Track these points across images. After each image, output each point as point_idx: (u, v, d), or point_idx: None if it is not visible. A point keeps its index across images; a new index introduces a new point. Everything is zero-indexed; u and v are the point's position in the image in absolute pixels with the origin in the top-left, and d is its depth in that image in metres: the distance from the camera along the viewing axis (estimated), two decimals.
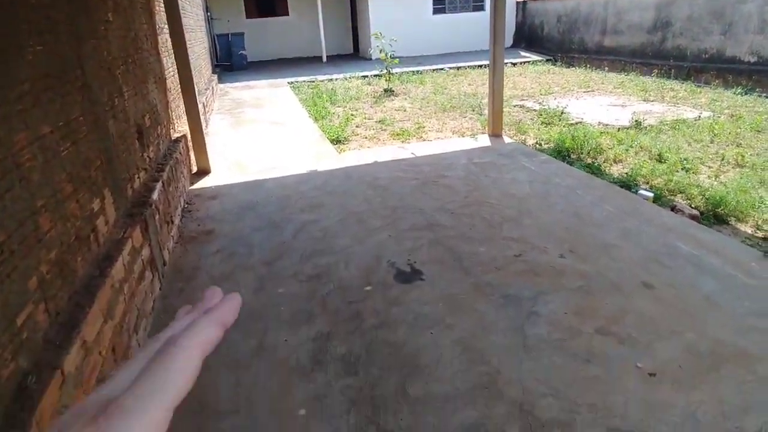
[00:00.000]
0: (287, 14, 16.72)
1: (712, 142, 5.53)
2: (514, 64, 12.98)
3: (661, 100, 7.86)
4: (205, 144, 5.13)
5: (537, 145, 5.84)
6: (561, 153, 5.43)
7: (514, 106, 8.14)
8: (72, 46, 2.14)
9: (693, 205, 3.88)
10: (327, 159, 5.51)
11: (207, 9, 13.48)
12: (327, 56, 15.30)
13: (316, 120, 7.69)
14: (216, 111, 8.87)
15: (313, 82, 11.71)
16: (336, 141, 6.40)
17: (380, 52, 10.22)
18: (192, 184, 4.79)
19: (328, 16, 15.85)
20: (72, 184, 1.94)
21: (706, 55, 8.96)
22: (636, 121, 6.31)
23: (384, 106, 8.72)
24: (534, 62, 13.21)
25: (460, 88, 10.11)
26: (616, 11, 11.21)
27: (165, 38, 4.77)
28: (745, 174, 4.50)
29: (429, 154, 5.46)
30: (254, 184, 4.74)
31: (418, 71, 12.46)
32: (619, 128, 6.30)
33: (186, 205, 4.17)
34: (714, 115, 6.66)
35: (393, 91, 10.08)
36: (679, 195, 4.14)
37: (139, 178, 3.02)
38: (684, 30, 9.41)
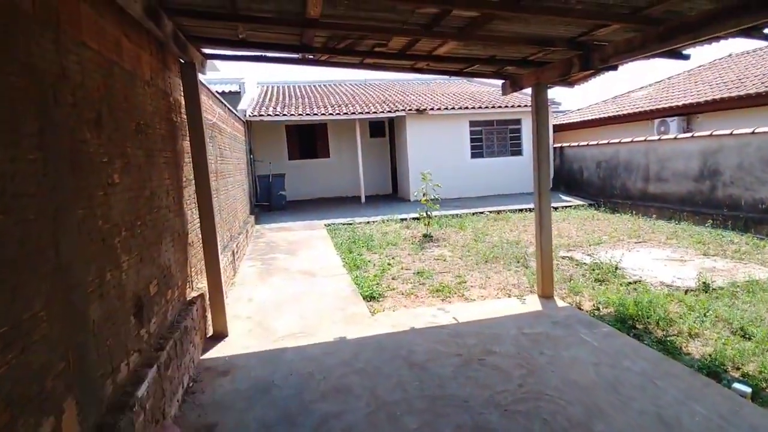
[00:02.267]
0: (328, 156, 17.64)
1: None
2: (555, 209, 12.77)
3: (723, 255, 7.21)
4: (224, 304, 4.79)
5: (594, 310, 5.20)
6: (624, 322, 4.76)
7: (562, 258, 7.65)
8: (44, 222, 1.85)
9: None
10: (358, 323, 5.03)
11: (251, 152, 14.31)
12: (366, 196, 15.66)
13: (350, 270, 7.38)
14: (248, 256, 8.78)
15: (351, 224, 11.74)
16: (370, 297, 5.98)
17: (423, 195, 10.24)
18: (204, 352, 4.35)
19: (367, 157, 16.59)
20: (9, 410, 1.50)
21: (764, 206, 8.44)
22: (704, 282, 5.64)
23: (423, 254, 8.41)
24: (576, 207, 12.98)
25: (502, 235, 9.79)
26: (658, 159, 11.09)
27: (191, 190, 4.71)
28: None
29: (472, 320, 4.90)
30: (274, 355, 4.25)
31: (457, 215, 12.39)
32: (685, 290, 5.63)
33: (191, 384, 3.68)
34: None
35: (432, 236, 9.86)
36: None
37: (128, 364, 2.59)
38: (735, 179, 9.04)
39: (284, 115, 14.44)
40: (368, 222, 12.00)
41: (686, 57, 4.57)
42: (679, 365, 3.69)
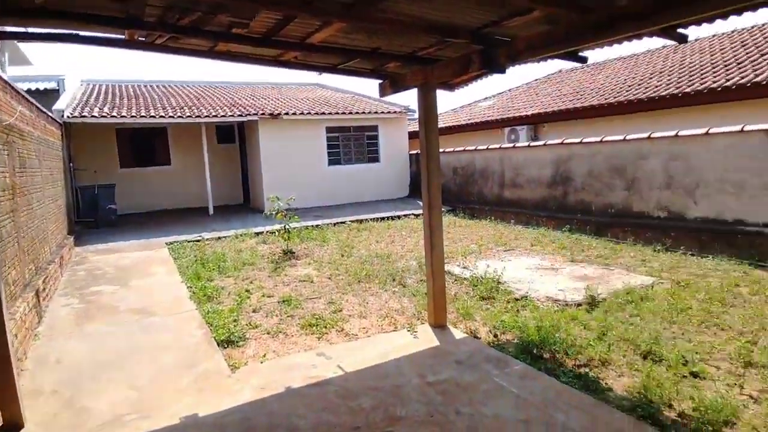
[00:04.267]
0: (169, 163, 15.32)
1: (690, 323, 4.68)
2: (416, 216, 12.48)
3: (589, 261, 7.30)
4: (14, 378, 3.10)
5: (494, 339, 4.55)
6: (529, 351, 4.16)
7: None
8: None
9: None
10: (215, 388, 3.67)
11: (70, 160, 11.56)
12: (214, 208, 13.78)
13: (199, 303, 5.86)
14: (61, 291, 6.64)
15: (198, 241, 9.93)
16: (227, 342, 4.62)
17: (276, 213, 8.95)
18: None
19: (215, 165, 14.74)
20: None
21: (612, 210, 8.94)
22: (590, 295, 5.41)
23: (286, 275, 7.19)
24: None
25: (369, 247, 8.99)
26: (513, 166, 11.38)
27: None
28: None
29: (363, 368, 3.87)
30: None
31: (318, 226, 11.32)
32: (574, 305, 5.34)
33: None
34: (657, 281, 6.06)
35: (294, 252, 8.66)
36: None
37: None
38: (586, 185, 9.50)
39: (113, 116, 11.95)
40: (219, 238, 10.31)
41: (583, 60, 4.14)
42: (617, 413, 3.10)
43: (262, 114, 13.39)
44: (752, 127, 6.91)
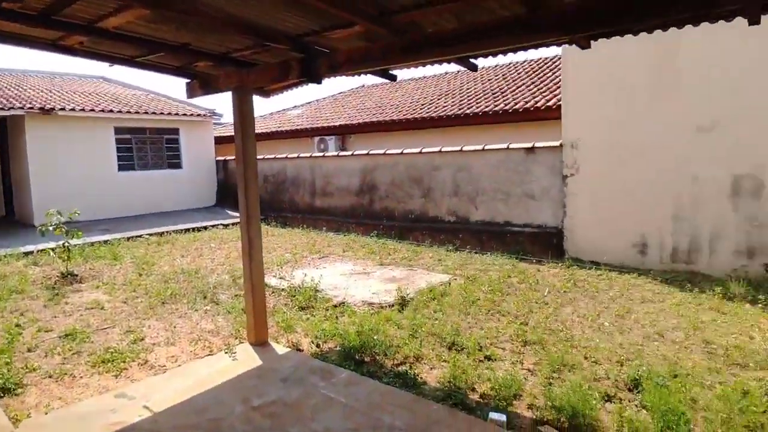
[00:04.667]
0: None
1: (480, 312, 5.40)
2: (225, 226, 11.87)
3: (396, 264, 7.89)
4: None
5: (317, 350, 4.56)
6: (351, 357, 4.30)
7: None
8: None
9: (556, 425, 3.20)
10: None
11: None
12: None
13: None
14: None
15: None
16: (2, 391, 3.70)
17: (54, 228, 7.48)
18: None
19: None
20: None
21: (412, 216, 9.84)
22: (401, 297, 5.84)
23: (68, 303, 6.09)
24: None
25: (174, 263, 8.20)
26: (323, 174, 11.66)
27: None
28: (540, 355, 4.27)
29: (176, 404, 3.47)
30: None
31: (107, 241, 9.88)
32: (388, 306, 5.70)
33: None
34: (452, 278, 6.86)
35: (76, 275, 7.39)
36: (521, 403, 3.47)
37: None
38: (389, 193, 10.25)
39: None
40: None
41: (393, 77, 4.47)
42: (434, 405, 3.38)
43: (30, 108, 11.09)
44: (515, 145, 8.35)
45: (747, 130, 6.07)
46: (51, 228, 7.44)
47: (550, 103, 9.37)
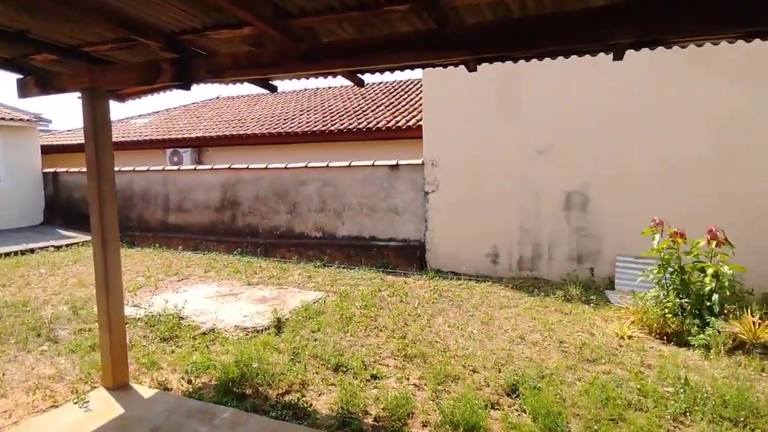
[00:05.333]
0: None
1: (358, 329, 5.45)
2: (57, 248, 10.26)
3: (264, 283, 7.60)
4: None
5: (189, 387, 4.15)
6: (230, 391, 4.00)
7: None
8: None
9: None
10: None
11: None
12: None
13: None
14: None
15: None
16: None
17: None
18: None
19: None
20: None
21: (278, 232, 9.58)
22: (276, 318, 5.62)
23: None
24: (84, 244, 10.85)
25: None
26: (178, 189, 10.76)
27: None
28: (423, 368, 4.45)
29: None
30: None
31: None
32: (263, 330, 5.44)
33: None
34: (325, 295, 6.82)
35: None
36: (416, 422, 3.57)
37: None
38: (253, 209, 9.84)
39: None
40: None
41: (274, 88, 4.32)
42: None
43: None
44: (380, 162, 8.67)
45: (576, 152, 7.13)
46: None
47: (410, 123, 9.94)
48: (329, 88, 15.78)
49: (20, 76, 4.04)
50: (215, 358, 4.63)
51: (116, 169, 11.61)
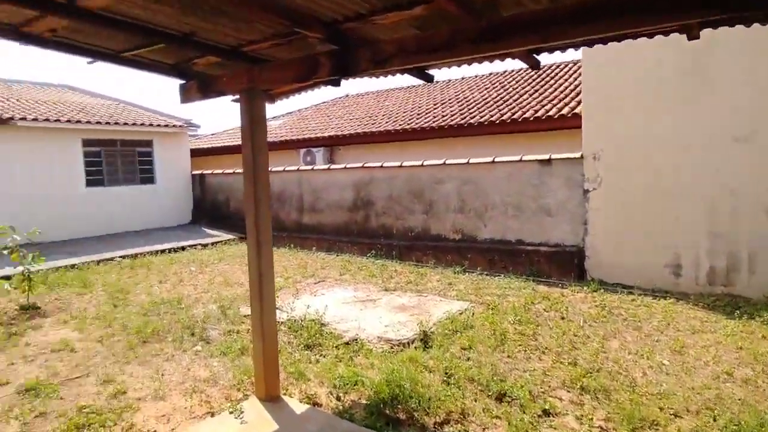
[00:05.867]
0: None
1: (515, 349, 4.74)
2: (204, 246, 10.94)
3: (402, 289, 7.18)
4: None
5: (338, 404, 3.81)
6: (383, 413, 3.57)
7: (248, 317, 5.96)
8: None
9: None
10: None
11: None
12: None
13: None
14: None
15: None
16: None
17: (10, 252, 6.49)
18: None
19: None
20: None
21: (413, 233, 9.15)
22: (423, 331, 5.13)
23: (28, 344, 5.18)
24: (227, 242, 11.49)
25: (151, 291, 7.30)
26: (312, 189, 10.89)
27: None
28: (607, 407, 3.63)
29: None
30: None
31: (74, 265, 8.87)
32: (409, 343, 4.98)
33: None
34: (470, 306, 6.19)
35: (38, 307, 6.43)
36: None
37: None
38: (386, 209, 9.55)
39: None
40: None
41: (431, 78, 3.81)
42: None
43: None
44: (529, 157, 7.80)
45: None
46: (5, 252, 6.45)
47: (563, 112, 8.86)
48: (462, 78, 15.07)
49: (182, 82, 4.03)
50: (362, 372, 4.26)
51: None
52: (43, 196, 10.91)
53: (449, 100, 12.53)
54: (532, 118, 9.18)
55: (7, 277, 7.49)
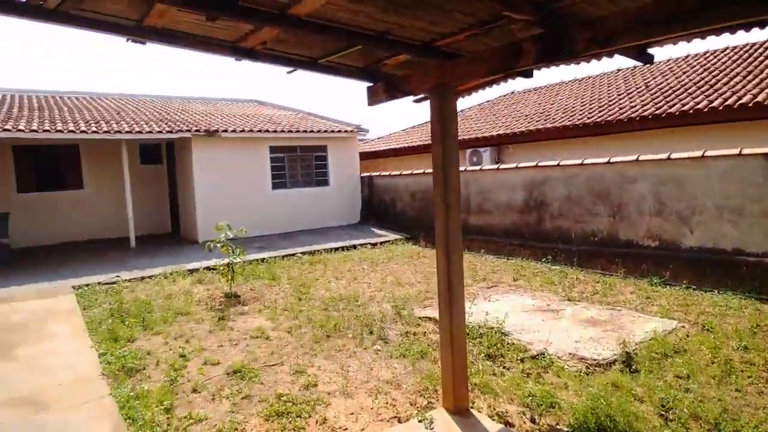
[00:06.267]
0: (81, 187, 13.01)
1: (745, 382, 3.81)
2: (373, 245, 11.30)
3: (588, 300, 6.44)
4: None
5: (534, 429, 3.42)
6: None
7: (422, 320, 5.87)
8: None
9: None
10: None
11: None
12: (137, 238, 11.69)
13: (117, 381, 4.32)
14: None
15: (115, 284, 8.09)
16: None
17: (221, 246, 7.37)
18: None
19: (138, 189, 12.71)
20: None
21: (596, 238, 8.23)
22: (626, 352, 4.44)
23: (233, 330, 5.75)
24: (394, 242, 11.73)
25: (329, 286, 7.68)
26: (480, 190, 10.54)
27: None
28: None
29: None
30: None
31: (263, 259, 9.84)
32: (608, 364, 4.35)
33: None
34: (678, 325, 5.24)
35: (239, 296, 7.18)
36: None
37: None
38: (563, 211, 8.76)
39: (6, 129, 9.61)
40: (143, 278, 8.50)
41: (650, 58, 3.21)
42: None
43: (197, 130, 11.67)
44: (751, 150, 6.41)
45: None
46: (218, 245, 7.33)
47: None
48: (649, 64, 13.31)
49: (369, 84, 4.04)
50: (555, 393, 3.81)
51: (420, 171, 12.38)
52: (240, 196, 12.36)
53: (637, 89, 11.06)
54: (750, 104, 7.55)
55: (212, 268, 8.63)
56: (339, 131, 14.02)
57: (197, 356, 4.92)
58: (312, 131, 13.43)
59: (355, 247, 11.17)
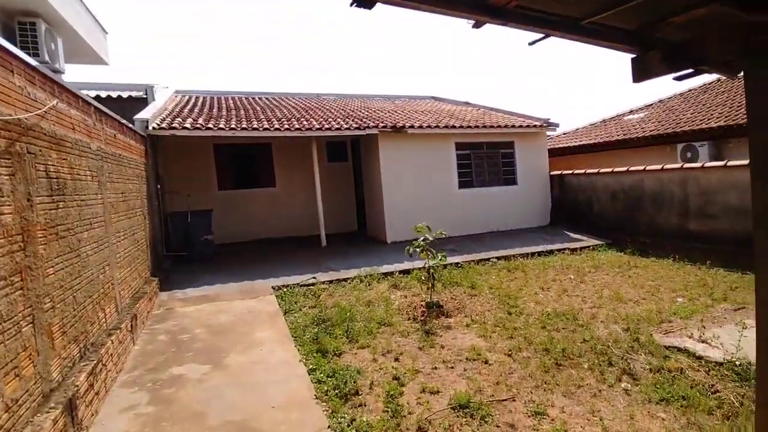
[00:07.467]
0: (273, 185, 13.96)
1: None
2: (572, 251, 10.37)
3: None
4: None
5: None
6: None
7: (669, 350, 5.01)
8: None
9: None
10: None
11: (158, 181, 9.94)
12: (326, 236, 12.04)
13: (332, 407, 4.08)
14: (128, 374, 4.93)
15: (313, 285, 8.16)
16: None
17: (420, 251, 7.23)
18: None
19: (326, 186, 13.25)
20: None
21: None
22: None
23: (443, 348, 5.43)
24: (594, 247, 10.64)
25: (537, 298, 7.12)
26: (701, 190, 8.98)
27: None
28: None
29: None
30: None
31: (457, 264, 9.50)
32: None
33: None
34: None
35: (441, 306, 6.94)
36: None
37: None
38: None
39: (208, 128, 10.13)
40: (338, 281, 8.46)
41: None
42: None
43: (383, 126, 11.65)
44: None
45: None
46: (418, 250, 7.16)
47: None
48: None
49: (634, 56, 3.29)
50: None
51: (622, 169, 11.00)
52: (426, 195, 12.20)
53: None
54: None
55: (407, 271, 8.59)
56: (527, 126, 13.18)
57: (412, 380, 4.61)
58: (498, 126, 12.81)
59: (552, 252, 10.37)
